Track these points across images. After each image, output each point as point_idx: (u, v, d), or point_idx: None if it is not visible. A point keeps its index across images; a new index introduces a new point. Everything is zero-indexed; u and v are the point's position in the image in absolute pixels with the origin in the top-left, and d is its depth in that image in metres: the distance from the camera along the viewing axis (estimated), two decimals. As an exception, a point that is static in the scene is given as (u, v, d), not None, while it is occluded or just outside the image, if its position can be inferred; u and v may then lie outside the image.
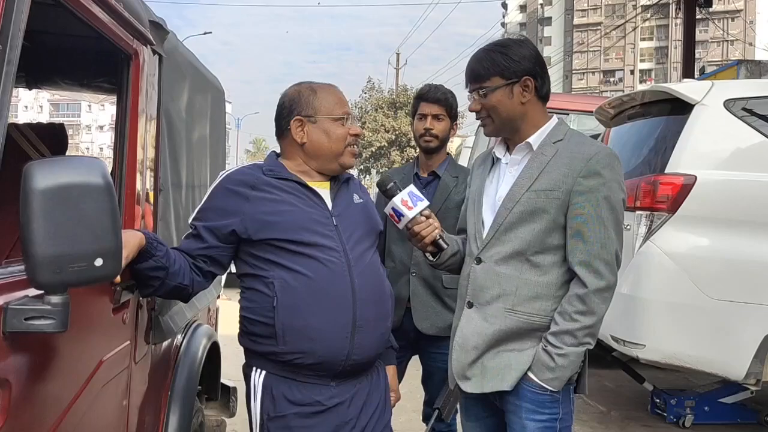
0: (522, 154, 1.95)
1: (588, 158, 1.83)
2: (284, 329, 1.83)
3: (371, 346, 1.93)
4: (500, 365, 1.89)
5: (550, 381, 1.84)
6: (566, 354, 1.82)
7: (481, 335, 1.90)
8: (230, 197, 1.90)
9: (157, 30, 2.08)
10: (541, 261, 1.87)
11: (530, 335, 1.88)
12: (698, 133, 3.69)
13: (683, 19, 13.42)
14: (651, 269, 3.65)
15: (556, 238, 1.87)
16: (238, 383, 3.12)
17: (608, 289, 1.84)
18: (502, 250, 1.89)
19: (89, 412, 1.60)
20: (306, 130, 1.96)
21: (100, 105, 66.57)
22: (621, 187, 1.87)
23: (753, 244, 3.54)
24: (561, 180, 1.84)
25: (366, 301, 1.90)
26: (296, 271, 1.84)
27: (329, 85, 2.04)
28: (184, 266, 1.86)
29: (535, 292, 1.87)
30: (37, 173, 1.20)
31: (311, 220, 1.90)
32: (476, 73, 1.93)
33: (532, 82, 1.90)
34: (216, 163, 3.18)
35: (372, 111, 32.82)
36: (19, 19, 1.25)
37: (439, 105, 2.77)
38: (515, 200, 1.88)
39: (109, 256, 1.27)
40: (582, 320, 1.81)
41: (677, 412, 4.34)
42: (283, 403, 1.87)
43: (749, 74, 7.21)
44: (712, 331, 3.56)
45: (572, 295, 1.84)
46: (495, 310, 1.89)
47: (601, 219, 1.82)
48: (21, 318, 1.21)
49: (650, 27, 67.09)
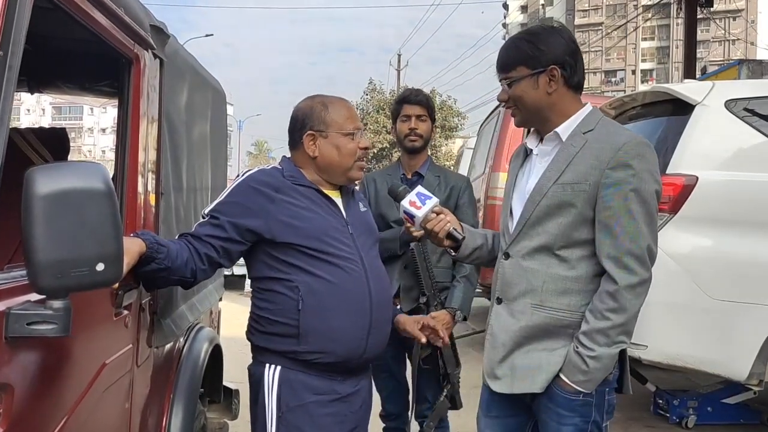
0: (552, 144, 1.88)
1: (617, 149, 1.75)
2: (307, 330, 1.92)
3: (381, 344, 2.06)
4: (531, 366, 1.83)
5: (582, 383, 1.78)
6: (599, 356, 1.75)
7: (508, 332, 1.86)
8: (255, 196, 1.96)
9: (158, 34, 2.09)
10: (569, 255, 1.81)
11: (560, 333, 1.82)
12: (699, 134, 3.69)
13: (684, 19, 13.42)
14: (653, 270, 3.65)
15: (584, 232, 1.80)
16: (241, 385, 3.13)
17: (641, 284, 1.76)
18: (529, 245, 1.85)
19: (92, 415, 1.60)
20: (318, 144, 2.04)
21: (102, 108, 66.68)
22: (654, 177, 1.78)
23: (755, 244, 3.54)
24: (588, 172, 1.77)
25: (380, 304, 2.03)
26: (321, 277, 1.93)
27: (341, 100, 2.13)
28: (188, 259, 1.89)
29: (564, 287, 1.81)
30: (39, 179, 1.20)
31: (332, 228, 1.99)
32: (503, 62, 1.89)
33: (558, 71, 1.82)
34: (218, 166, 3.19)
35: (373, 112, 32.83)
36: (20, 25, 1.26)
37: (421, 106, 2.91)
38: (542, 193, 1.82)
39: (110, 261, 1.28)
40: (614, 318, 1.74)
41: (680, 413, 4.33)
42: (304, 392, 1.95)
43: (751, 74, 7.18)
44: (715, 331, 3.55)
45: (603, 292, 1.77)
46: (522, 305, 1.84)
47: (630, 212, 1.74)
48: (23, 323, 1.21)
49: (651, 27, 67.05)
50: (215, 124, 3.10)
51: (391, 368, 2.86)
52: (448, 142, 32.86)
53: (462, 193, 2.90)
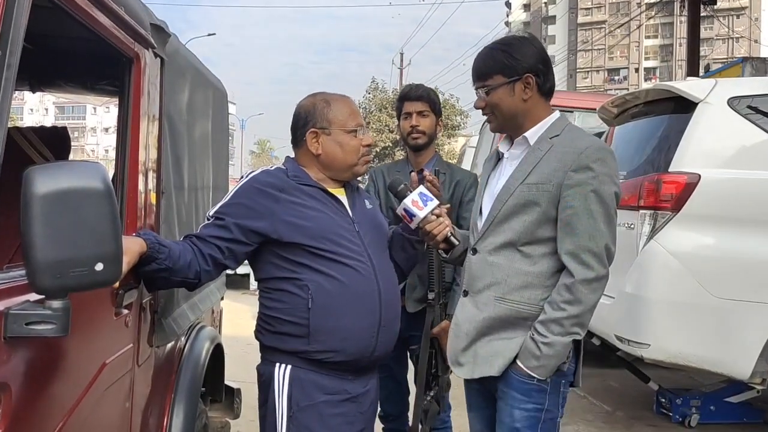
0: (521, 148, 2.00)
1: (579, 152, 1.87)
2: (317, 329, 1.92)
3: (390, 342, 2.07)
4: (490, 352, 1.94)
5: (535, 369, 1.88)
6: (552, 343, 1.85)
7: (472, 322, 1.97)
8: (260, 197, 1.96)
9: (159, 33, 2.09)
10: (532, 251, 1.92)
11: (520, 324, 1.92)
12: (702, 132, 3.68)
13: (688, 17, 13.36)
14: (655, 268, 3.64)
15: (547, 230, 1.91)
16: (243, 384, 3.14)
17: (597, 280, 1.87)
18: (495, 241, 1.95)
19: (92, 415, 1.60)
20: (321, 142, 2.05)
21: (105, 107, 66.78)
22: (613, 180, 1.90)
23: (758, 242, 3.53)
24: (552, 174, 1.89)
25: (389, 302, 2.03)
26: (330, 276, 1.94)
27: (343, 97, 2.13)
28: (192, 260, 1.89)
29: (525, 281, 1.91)
30: (38, 178, 1.20)
31: (339, 226, 2.00)
32: (480, 71, 2.00)
33: (533, 79, 1.94)
34: (219, 166, 3.18)
35: (376, 111, 32.85)
36: (19, 25, 1.26)
37: (422, 102, 2.84)
38: (510, 193, 1.94)
39: (109, 260, 1.27)
40: (569, 309, 1.85)
41: (683, 412, 4.33)
42: (314, 392, 1.95)
43: (754, 71, 7.15)
44: (717, 330, 3.54)
45: (561, 285, 1.88)
46: (486, 298, 1.95)
47: (590, 211, 1.86)
48: (22, 323, 1.21)
49: (655, 25, 66.86)
50: (216, 122, 3.10)
51: (392, 368, 2.83)
52: (450, 140, 32.86)
53: (467, 189, 2.85)
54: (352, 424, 2.01)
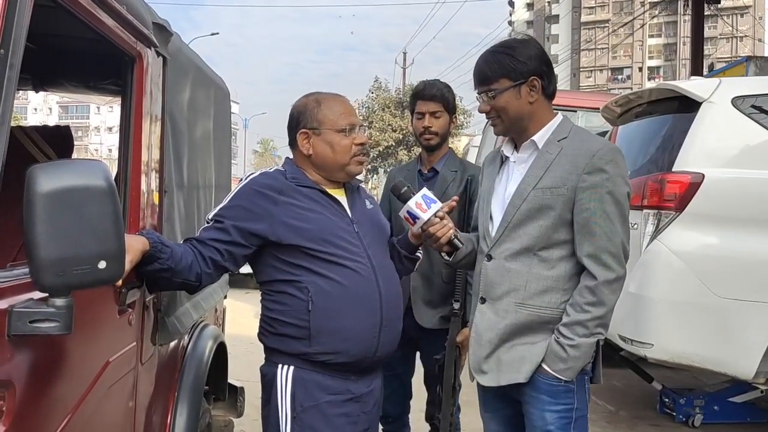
0: (528, 152, 2.01)
1: (591, 155, 1.89)
2: (318, 331, 1.92)
3: (392, 343, 2.06)
4: (515, 358, 1.94)
5: (563, 371, 1.90)
6: (578, 345, 1.87)
7: (493, 329, 1.96)
8: (259, 199, 1.96)
9: (161, 32, 2.09)
10: (549, 256, 1.93)
11: (542, 328, 1.93)
12: (706, 131, 3.67)
13: (691, 16, 13.34)
14: (659, 268, 3.64)
15: (563, 233, 1.92)
16: (246, 383, 3.14)
17: (617, 280, 1.90)
18: (512, 247, 1.95)
19: (96, 413, 1.61)
20: (311, 143, 2.04)
21: (109, 107, 66.93)
22: (625, 181, 1.93)
23: (761, 241, 3.52)
24: (566, 177, 1.90)
25: (390, 303, 2.02)
26: (330, 278, 1.94)
27: (336, 96, 2.11)
28: (193, 263, 1.89)
29: (544, 286, 1.92)
30: (41, 177, 1.20)
31: (337, 228, 1.99)
32: (484, 75, 1.99)
33: (539, 81, 1.95)
34: (221, 165, 3.19)
35: (379, 110, 32.84)
36: (21, 24, 1.26)
37: (435, 102, 2.78)
38: (523, 198, 1.94)
39: (112, 258, 1.27)
40: (593, 311, 1.87)
41: (686, 412, 4.32)
42: (317, 392, 1.95)
43: (758, 70, 7.14)
44: (721, 329, 3.54)
45: (583, 287, 1.89)
46: (506, 304, 1.95)
47: (606, 213, 1.88)
48: (25, 321, 1.21)
49: (658, 24, 66.74)
50: (219, 121, 3.10)
51: (396, 368, 2.80)
52: (453, 139, 32.84)
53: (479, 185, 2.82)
54: (356, 423, 2.01)
